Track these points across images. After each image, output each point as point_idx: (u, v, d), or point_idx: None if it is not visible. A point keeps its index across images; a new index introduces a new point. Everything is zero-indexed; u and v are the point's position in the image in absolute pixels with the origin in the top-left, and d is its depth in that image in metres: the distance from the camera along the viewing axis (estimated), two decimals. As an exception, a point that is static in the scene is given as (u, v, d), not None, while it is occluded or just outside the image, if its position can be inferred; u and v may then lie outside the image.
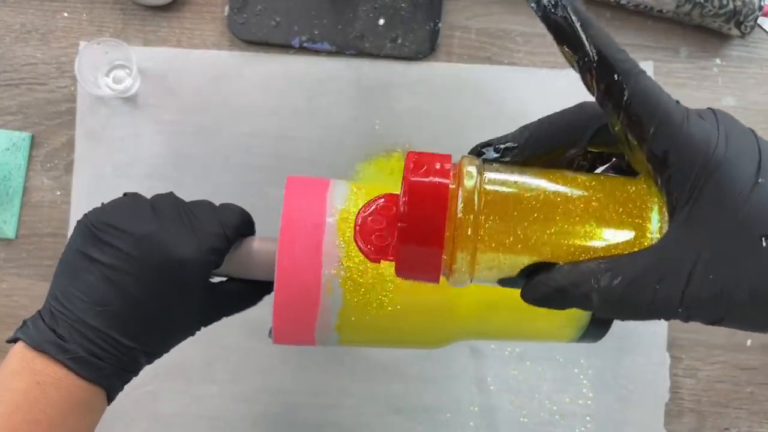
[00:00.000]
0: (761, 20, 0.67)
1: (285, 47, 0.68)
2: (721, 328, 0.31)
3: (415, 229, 0.33)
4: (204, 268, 0.45)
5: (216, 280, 0.49)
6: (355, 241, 0.36)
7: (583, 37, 0.31)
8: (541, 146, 0.36)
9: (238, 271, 0.49)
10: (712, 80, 0.68)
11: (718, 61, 0.69)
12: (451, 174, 0.33)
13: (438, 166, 0.33)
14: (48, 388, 0.42)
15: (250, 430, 0.65)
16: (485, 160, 0.36)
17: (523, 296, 0.34)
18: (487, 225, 0.32)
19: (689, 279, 0.30)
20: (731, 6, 0.65)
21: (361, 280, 0.44)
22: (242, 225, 0.48)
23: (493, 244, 0.33)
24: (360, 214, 0.36)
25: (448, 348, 0.50)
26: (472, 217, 0.32)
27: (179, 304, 0.45)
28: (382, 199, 0.37)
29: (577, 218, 0.32)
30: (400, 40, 0.68)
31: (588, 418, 0.65)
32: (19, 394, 0.42)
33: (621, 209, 0.33)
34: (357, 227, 0.36)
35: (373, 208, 0.37)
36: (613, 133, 0.33)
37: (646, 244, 0.32)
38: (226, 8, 0.68)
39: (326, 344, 0.47)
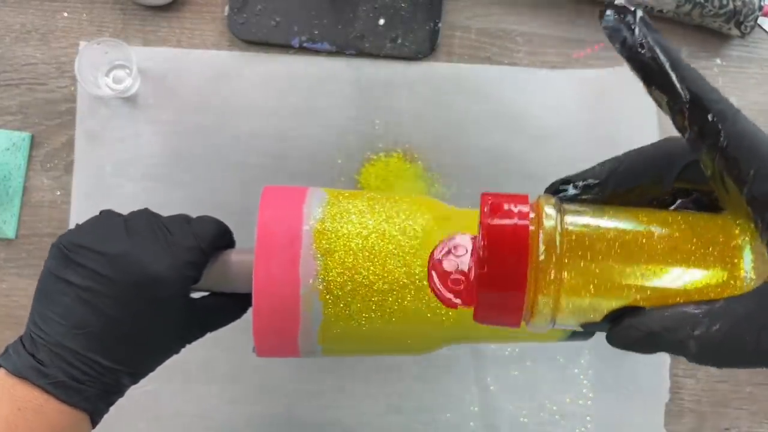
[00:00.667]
0: (761, 20, 0.67)
1: (285, 47, 0.68)
2: None
3: (495, 274, 0.32)
4: (181, 283, 0.45)
5: (197, 295, 0.48)
6: (431, 286, 0.35)
7: (674, 77, 0.30)
8: (624, 183, 0.35)
9: (217, 284, 0.48)
10: (712, 80, 0.67)
11: (718, 61, 0.69)
12: (530, 216, 0.32)
13: (516, 209, 0.32)
14: (29, 414, 0.42)
15: (250, 430, 0.65)
16: (562, 199, 0.35)
17: (610, 341, 0.33)
18: (570, 267, 0.31)
19: None
20: (731, 6, 0.65)
21: (340, 293, 0.43)
22: (218, 237, 0.48)
23: (577, 288, 0.31)
24: (433, 255, 0.35)
25: (448, 348, 0.50)
26: (554, 259, 0.31)
27: (159, 322, 0.45)
28: (456, 240, 0.36)
29: (666, 259, 0.31)
30: (400, 40, 0.68)
31: (588, 418, 0.65)
32: (1, 419, 0.41)
33: (711, 249, 0.31)
34: (431, 270, 0.35)
35: (445, 249, 0.36)
36: (705, 172, 0.32)
37: (739, 285, 0.31)
38: (226, 8, 0.68)
39: (311, 356, 0.46)
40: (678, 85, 0.30)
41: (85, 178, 0.67)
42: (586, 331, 0.33)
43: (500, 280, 0.31)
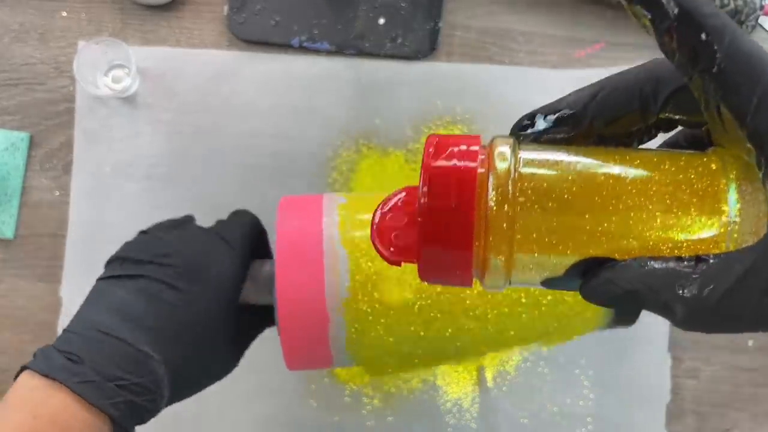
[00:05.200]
0: (762, 20, 0.67)
1: (284, 47, 0.68)
2: None
3: (438, 224, 0.27)
4: (238, 285, 0.45)
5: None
6: (372, 242, 0.31)
7: None
8: (604, 112, 0.29)
9: (254, 297, 0.47)
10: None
11: (719, 60, 0.69)
12: (480, 157, 0.28)
13: (464, 148, 0.28)
14: (44, 423, 0.38)
15: (250, 430, 0.65)
16: (526, 137, 0.30)
17: (585, 296, 0.28)
18: (526, 216, 0.27)
19: None
20: (732, 6, 0.65)
21: (367, 298, 0.42)
22: (255, 237, 0.48)
23: (535, 240, 0.27)
24: (377, 211, 0.31)
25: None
26: (506, 207, 0.27)
27: (213, 323, 0.43)
28: (404, 193, 0.31)
29: (640, 205, 0.27)
30: (400, 40, 0.68)
31: (589, 419, 0.65)
32: (14, 427, 0.38)
33: (692, 192, 0.27)
34: (374, 226, 0.31)
35: (392, 203, 0.31)
36: (698, 101, 0.27)
37: (724, 231, 0.26)
38: (226, 8, 0.68)
39: (343, 366, 0.46)
40: (663, 0, 0.25)
41: (84, 178, 0.66)
42: (549, 287, 0.29)
43: (444, 232, 0.27)
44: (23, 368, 0.40)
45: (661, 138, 0.32)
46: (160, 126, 0.67)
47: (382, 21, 0.68)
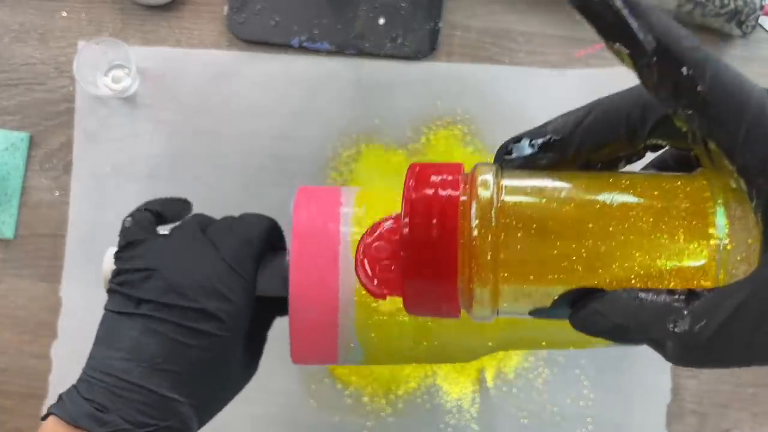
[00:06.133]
0: (762, 20, 0.67)
1: (284, 47, 0.68)
2: None
3: (421, 256, 0.26)
4: (248, 308, 0.43)
5: None
6: (356, 272, 0.30)
7: (634, 24, 0.24)
8: (592, 139, 0.28)
9: (270, 290, 0.46)
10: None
11: (719, 60, 0.69)
12: (462, 186, 0.27)
13: (445, 177, 0.27)
14: None
15: (250, 430, 0.65)
16: (510, 162, 0.29)
17: (574, 327, 0.27)
18: (510, 245, 0.26)
19: None
20: (732, 6, 0.65)
21: (377, 304, 0.42)
22: (267, 241, 0.46)
23: (520, 270, 0.26)
24: (363, 240, 0.30)
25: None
26: (490, 236, 0.26)
27: (228, 348, 0.42)
28: (390, 221, 0.30)
29: (629, 231, 0.26)
30: (400, 40, 0.68)
31: (589, 419, 0.65)
32: None
33: (680, 218, 0.26)
34: (358, 255, 0.30)
35: (378, 232, 0.30)
36: (683, 132, 0.26)
37: (714, 257, 0.25)
38: (226, 8, 0.68)
39: (350, 363, 0.45)
40: (641, 35, 0.24)
41: (84, 178, 0.66)
42: (538, 317, 0.28)
43: (428, 264, 0.26)
44: (50, 413, 0.40)
45: (648, 155, 0.31)
46: (160, 126, 0.67)
47: (382, 21, 0.68)
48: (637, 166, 0.31)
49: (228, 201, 0.66)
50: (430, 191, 0.27)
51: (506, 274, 0.26)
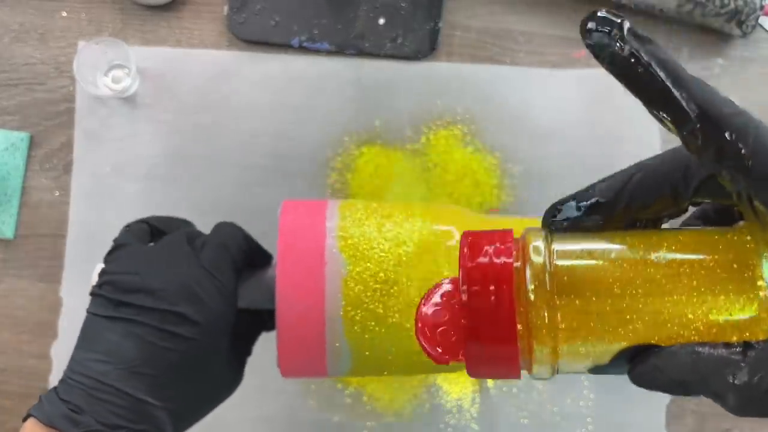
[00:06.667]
0: (762, 20, 0.67)
1: (284, 47, 0.68)
2: None
3: (480, 321, 0.28)
4: (231, 314, 0.44)
5: None
6: (417, 338, 0.31)
7: (677, 94, 0.25)
8: (636, 200, 0.29)
9: (253, 302, 0.47)
10: (714, 80, 0.68)
11: (720, 61, 0.69)
12: (514, 252, 0.28)
13: (499, 246, 0.28)
14: None
15: (250, 430, 0.65)
16: (557, 225, 0.30)
17: (634, 383, 0.28)
18: (566, 307, 0.27)
19: None
20: (732, 5, 0.65)
21: (367, 307, 0.42)
22: (247, 252, 0.47)
23: (577, 330, 0.27)
24: (421, 306, 0.31)
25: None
26: (546, 300, 0.27)
27: (208, 354, 0.43)
28: (447, 284, 0.31)
29: (679, 288, 0.27)
30: (400, 40, 0.68)
31: (589, 419, 0.65)
32: None
33: (728, 272, 0.27)
34: (418, 321, 0.30)
35: (435, 297, 0.31)
36: (729, 192, 0.27)
37: (765, 309, 0.26)
38: (226, 8, 0.68)
39: (338, 375, 0.45)
40: (684, 103, 0.25)
41: (84, 178, 0.66)
42: (598, 373, 0.29)
43: (487, 329, 0.28)
44: (29, 414, 0.40)
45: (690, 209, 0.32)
46: (160, 126, 0.67)
47: (382, 21, 0.68)
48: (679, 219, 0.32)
49: (228, 201, 0.66)
50: (485, 260, 0.28)
51: (564, 335, 0.28)
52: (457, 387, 0.65)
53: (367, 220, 0.44)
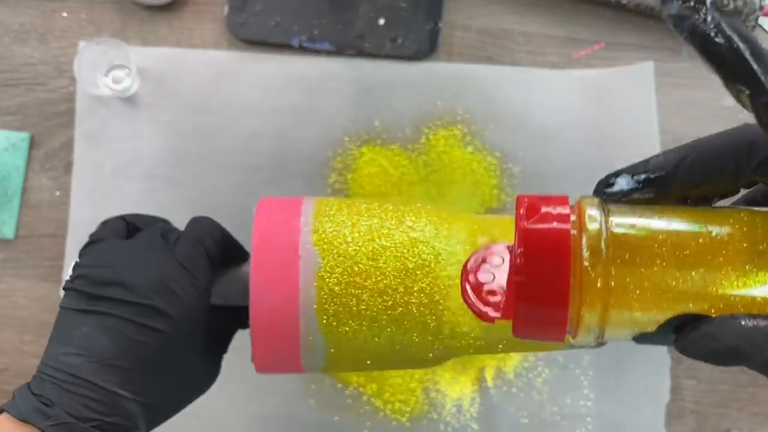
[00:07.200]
0: (762, 20, 0.67)
1: (284, 47, 0.68)
2: None
3: (534, 284, 0.28)
4: (204, 307, 0.44)
5: None
6: (464, 298, 0.31)
7: (756, 67, 0.26)
8: (695, 175, 0.30)
9: (226, 298, 0.47)
10: (713, 80, 0.68)
11: (719, 60, 0.69)
12: (570, 218, 0.29)
13: (555, 210, 0.29)
14: None
15: (249, 430, 0.65)
16: (611, 196, 0.31)
17: (682, 351, 0.29)
18: (618, 275, 0.28)
19: None
20: (732, 6, 0.65)
21: (340, 302, 0.43)
22: (224, 247, 0.47)
23: (629, 297, 0.28)
24: (466, 267, 0.32)
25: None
26: (600, 266, 0.28)
27: (181, 347, 0.43)
28: (497, 247, 0.32)
29: (735, 261, 0.28)
30: (400, 40, 0.68)
31: (589, 419, 0.65)
32: None
33: None
34: (465, 282, 0.31)
35: (480, 259, 0.32)
36: None
37: None
38: (226, 8, 0.68)
39: (314, 369, 0.46)
40: (763, 78, 0.26)
41: (84, 178, 0.66)
42: (641, 342, 0.30)
43: (540, 291, 0.28)
44: (2, 409, 0.41)
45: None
46: (160, 126, 0.67)
47: (382, 21, 0.68)
48: (725, 202, 0.32)
49: (228, 201, 0.66)
50: (542, 225, 0.29)
51: (615, 302, 0.28)
52: (457, 387, 0.65)
53: (341, 216, 0.44)
